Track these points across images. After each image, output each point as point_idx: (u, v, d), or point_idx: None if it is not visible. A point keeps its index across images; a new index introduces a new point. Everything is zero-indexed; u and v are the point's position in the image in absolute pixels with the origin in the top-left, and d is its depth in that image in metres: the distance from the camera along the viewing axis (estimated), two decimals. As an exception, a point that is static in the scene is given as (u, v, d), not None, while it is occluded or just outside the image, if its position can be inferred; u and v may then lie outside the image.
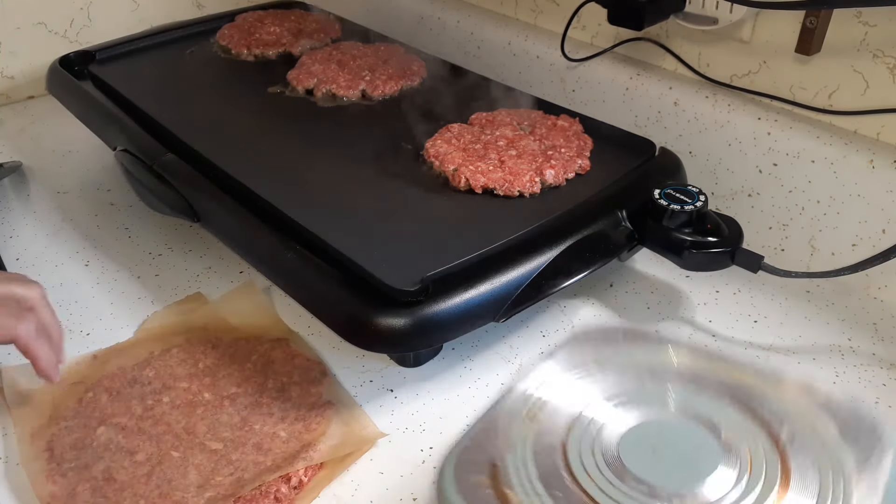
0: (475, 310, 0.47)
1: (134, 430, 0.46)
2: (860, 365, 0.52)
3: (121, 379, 0.50)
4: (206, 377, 0.50)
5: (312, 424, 0.46)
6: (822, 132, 0.59)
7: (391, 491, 0.43)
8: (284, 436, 0.46)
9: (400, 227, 0.53)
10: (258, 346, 0.52)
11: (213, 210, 0.55)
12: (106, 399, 0.48)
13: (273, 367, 0.51)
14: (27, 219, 0.66)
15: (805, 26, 0.57)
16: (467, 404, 0.49)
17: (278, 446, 0.45)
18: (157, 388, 0.49)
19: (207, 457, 0.44)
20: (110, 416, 0.47)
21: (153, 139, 0.61)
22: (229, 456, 0.44)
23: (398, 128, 0.65)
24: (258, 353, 0.52)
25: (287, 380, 0.50)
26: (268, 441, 0.45)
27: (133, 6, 0.90)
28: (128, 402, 0.48)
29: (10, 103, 0.86)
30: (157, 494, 0.42)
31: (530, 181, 0.55)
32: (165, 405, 0.48)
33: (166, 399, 0.48)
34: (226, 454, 0.44)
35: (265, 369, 0.50)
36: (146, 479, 0.43)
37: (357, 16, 0.87)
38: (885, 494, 0.31)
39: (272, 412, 0.47)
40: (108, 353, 0.52)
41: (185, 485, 0.43)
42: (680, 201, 0.53)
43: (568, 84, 0.75)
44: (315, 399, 0.48)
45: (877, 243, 0.57)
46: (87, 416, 0.47)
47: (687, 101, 0.66)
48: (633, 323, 0.55)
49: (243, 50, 0.76)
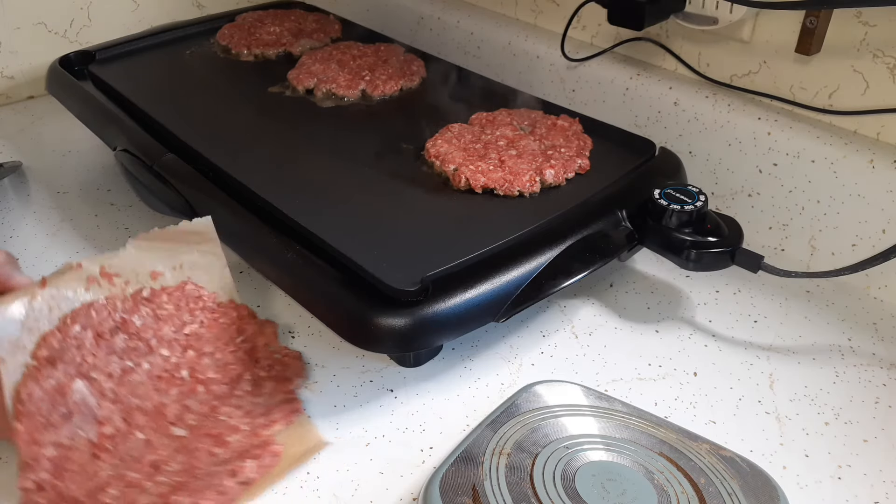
0: (475, 310, 0.47)
1: (108, 396, 0.45)
2: (860, 365, 0.52)
3: (109, 319, 0.48)
4: (190, 350, 0.49)
5: (274, 424, 0.46)
6: (822, 132, 0.59)
7: (391, 491, 0.43)
8: (246, 430, 0.45)
9: (400, 227, 0.53)
10: (247, 326, 0.51)
11: (213, 210, 0.55)
12: (90, 342, 0.47)
13: (255, 354, 0.50)
14: (27, 219, 0.66)
15: (805, 26, 0.57)
16: (467, 404, 0.49)
17: (236, 440, 0.44)
18: (140, 349, 0.48)
19: (169, 442, 0.44)
20: (90, 369, 0.46)
21: (153, 139, 0.61)
22: (190, 444, 0.44)
23: (398, 128, 0.65)
24: (245, 336, 0.51)
25: (265, 374, 0.49)
26: (228, 433, 0.45)
27: (133, 6, 0.90)
28: (108, 356, 0.47)
29: (9, 103, 0.86)
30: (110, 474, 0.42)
31: (530, 181, 0.55)
32: (143, 373, 0.47)
33: (145, 366, 0.47)
34: (187, 443, 0.44)
35: (247, 357, 0.50)
36: (107, 456, 0.43)
37: (357, 16, 0.87)
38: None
39: (241, 405, 0.47)
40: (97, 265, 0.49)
41: (140, 467, 0.42)
42: (680, 201, 0.53)
43: (568, 84, 0.75)
44: (285, 398, 0.47)
45: (877, 243, 0.57)
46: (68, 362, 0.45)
47: (687, 101, 0.66)
48: (632, 323, 0.55)
49: (243, 50, 0.77)
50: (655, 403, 0.49)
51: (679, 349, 0.53)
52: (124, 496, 0.41)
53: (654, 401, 0.49)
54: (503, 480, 0.39)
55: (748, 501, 0.38)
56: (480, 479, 0.39)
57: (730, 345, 0.54)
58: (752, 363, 0.52)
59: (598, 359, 0.52)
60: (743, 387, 0.50)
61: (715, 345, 0.54)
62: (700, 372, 0.51)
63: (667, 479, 0.39)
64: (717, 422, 0.47)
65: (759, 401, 0.49)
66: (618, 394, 0.49)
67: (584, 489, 0.39)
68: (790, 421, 0.48)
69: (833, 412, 0.48)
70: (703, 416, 0.48)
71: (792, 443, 0.46)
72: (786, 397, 0.49)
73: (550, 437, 0.42)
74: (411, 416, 0.48)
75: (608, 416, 0.43)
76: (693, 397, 0.49)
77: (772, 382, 0.50)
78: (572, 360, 0.52)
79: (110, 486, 0.41)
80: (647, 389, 0.50)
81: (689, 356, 0.52)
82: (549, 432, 0.42)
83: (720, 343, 0.54)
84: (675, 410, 0.48)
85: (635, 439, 0.42)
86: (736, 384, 0.50)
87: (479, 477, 0.39)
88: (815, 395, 0.49)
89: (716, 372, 0.51)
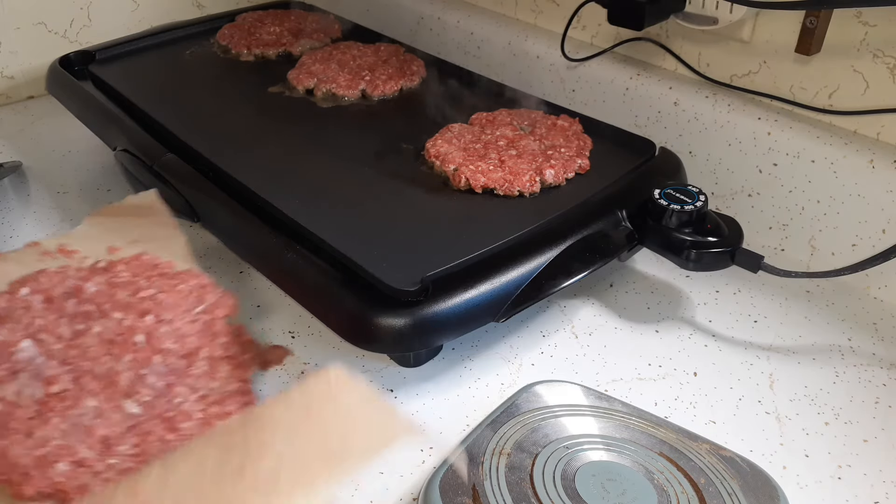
0: (475, 310, 0.47)
1: (57, 356, 0.43)
2: (860, 365, 0.52)
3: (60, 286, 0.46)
4: (147, 315, 0.46)
5: (228, 415, 0.44)
6: (822, 132, 0.59)
7: (391, 491, 0.43)
8: (200, 417, 0.43)
9: (400, 227, 0.53)
10: (206, 295, 0.49)
11: (213, 210, 0.55)
12: (39, 305, 0.45)
13: (213, 327, 0.48)
14: (27, 219, 0.66)
15: (805, 26, 0.57)
16: (467, 404, 0.49)
17: (188, 428, 0.42)
18: (92, 313, 0.46)
19: (122, 419, 0.42)
20: (39, 330, 0.44)
21: (153, 139, 0.61)
22: (143, 425, 0.42)
23: (398, 128, 0.65)
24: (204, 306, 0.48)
25: (221, 353, 0.47)
26: (181, 419, 0.43)
27: (133, 6, 0.90)
28: (58, 319, 0.45)
29: (9, 103, 0.86)
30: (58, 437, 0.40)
31: (530, 181, 0.55)
32: (94, 336, 0.45)
33: (97, 329, 0.45)
34: (140, 423, 0.42)
35: (205, 329, 0.47)
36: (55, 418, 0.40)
37: (357, 16, 0.87)
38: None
39: (197, 387, 0.44)
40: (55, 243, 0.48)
41: (91, 442, 0.40)
42: (680, 201, 0.53)
43: (568, 84, 0.75)
44: (240, 388, 0.45)
45: (877, 243, 0.57)
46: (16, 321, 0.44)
47: (687, 101, 0.66)
48: (632, 323, 0.55)
49: (243, 50, 0.77)
50: (655, 403, 0.49)
51: (679, 349, 0.53)
52: (75, 476, 0.39)
53: (654, 401, 0.49)
54: (503, 480, 0.39)
55: (748, 501, 0.38)
56: (480, 479, 0.39)
57: (730, 345, 0.54)
58: (752, 363, 0.52)
59: (598, 359, 0.52)
60: (743, 387, 0.50)
61: (715, 345, 0.54)
62: (700, 372, 0.51)
63: (667, 479, 0.40)
64: (717, 422, 0.47)
65: (759, 401, 0.49)
66: (618, 394, 0.49)
67: (584, 489, 0.39)
68: (790, 421, 0.48)
69: (833, 412, 0.48)
70: (703, 416, 0.48)
71: (792, 443, 0.46)
72: (786, 397, 0.49)
73: (550, 437, 0.42)
74: (411, 416, 0.48)
75: (608, 416, 0.44)
76: (693, 397, 0.49)
77: (772, 382, 0.50)
78: (572, 360, 0.52)
79: (60, 460, 0.39)
80: (647, 389, 0.50)
81: (689, 356, 0.52)
82: (549, 432, 0.42)
83: (720, 343, 0.54)
84: (675, 410, 0.48)
85: (635, 439, 0.42)
86: (736, 384, 0.50)
87: (479, 477, 0.39)
88: (815, 395, 0.49)
89: (716, 372, 0.51)
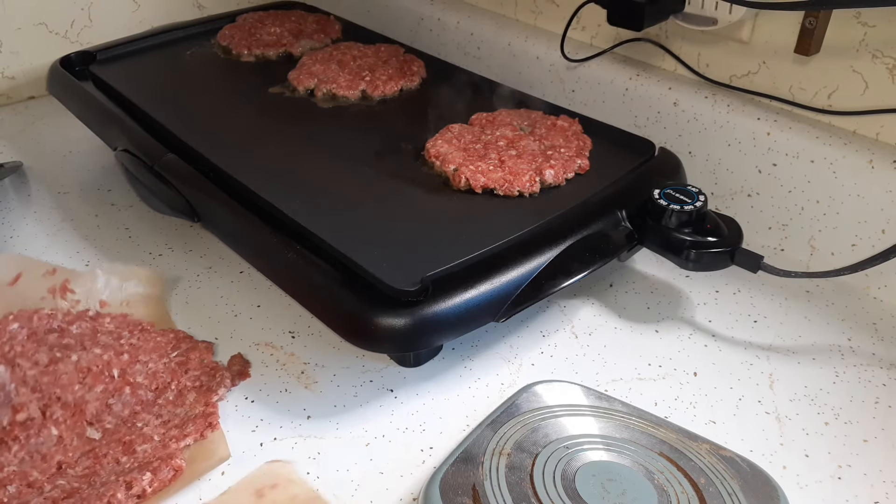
0: (475, 310, 0.47)
1: (29, 383, 0.45)
2: (860, 365, 0.52)
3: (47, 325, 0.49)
4: (124, 354, 0.49)
5: (186, 437, 0.45)
6: (821, 132, 0.59)
7: (391, 491, 0.43)
8: (157, 441, 0.44)
9: (400, 227, 0.53)
10: (183, 343, 0.51)
11: (214, 210, 0.55)
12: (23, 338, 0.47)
13: (186, 365, 0.50)
14: (27, 219, 0.66)
15: (804, 27, 0.58)
16: (467, 404, 0.49)
17: (144, 450, 0.43)
18: (72, 345, 0.48)
19: (81, 444, 0.44)
20: (17, 356, 0.46)
21: (154, 139, 0.61)
22: (100, 449, 0.43)
23: (398, 128, 0.65)
24: (180, 351, 0.51)
25: (190, 384, 0.48)
26: (139, 442, 0.44)
27: (134, 7, 0.90)
28: (38, 347, 0.47)
29: (10, 103, 0.86)
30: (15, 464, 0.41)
31: (530, 181, 0.55)
32: (70, 364, 0.47)
33: (74, 357, 0.47)
34: (98, 447, 0.43)
35: (178, 368, 0.49)
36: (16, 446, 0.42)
37: (357, 16, 0.87)
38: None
39: (161, 414, 0.46)
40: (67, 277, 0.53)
41: (46, 467, 0.42)
42: (679, 201, 0.53)
43: (568, 84, 0.75)
44: (203, 410, 0.46)
45: (876, 243, 0.57)
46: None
47: (686, 101, 0.66)
48: (632, 323, 0.55)
49: (244, 50, 0.77)
50: (655, 403, 0.49)
51: (679, 349, 0.53)
52: (20, 495, 0.40)
53: (654, 401, 0.49)
54: (503, 480, 0.39)
55: (748, 501, 0.38)
56: (480, 479, 0.39)
57: (730, 345, 0.54)
58: (752, 363, 0.52)
59: (598, 359, 0.52)
60: (743, 387, 0.50)
61: (715, 345, 0.54)
62: (700, 372, 0.51)
63: (667, 479, 0.40)
64: (717, 422, 0.47)
65: (759, 401, 0.49)
66: (618, 394, 0.49)
67: (584, 489, 0.39)
68: (790, 421, 0.48)
69: (833, 412, 0.48)
70: (703, 416, 0.48)
71: (792, 443, 0.46)
72: (786, 397, 0.49)
73: (550, 437, 0.42)
74: (411, 416, 0.48)
75: (608, 416, 0.44)
76: (693, 397, 0.49)
77: (772, 382, 0.50)
78: (572, 360, 0.52)
79: (11, 483, 0.41)
80: (647, 389, 0.50)
81: (689, 356, 0.52)
82: (549, 432, 0.42)
83: (720, 343, 0.54)
84: (675, 410, 0.48)
85: (635, 439, 0.42)
86: (736, 384, 0.50)
87: (479, 477, 0.39)
88: (815, 395, 0.49)
89: (716, 372, 0.51)
